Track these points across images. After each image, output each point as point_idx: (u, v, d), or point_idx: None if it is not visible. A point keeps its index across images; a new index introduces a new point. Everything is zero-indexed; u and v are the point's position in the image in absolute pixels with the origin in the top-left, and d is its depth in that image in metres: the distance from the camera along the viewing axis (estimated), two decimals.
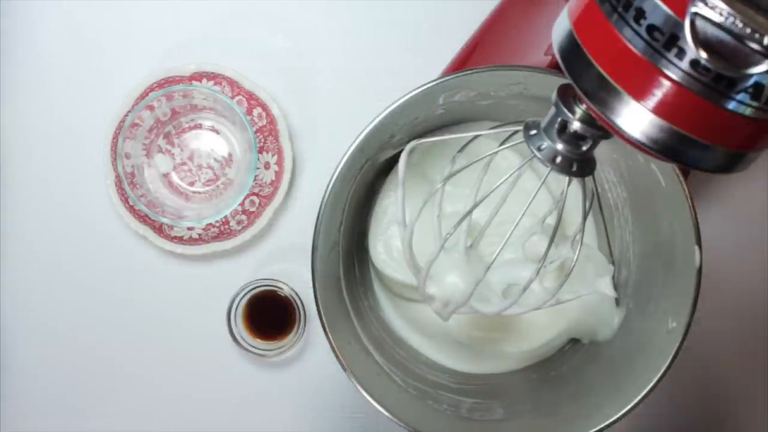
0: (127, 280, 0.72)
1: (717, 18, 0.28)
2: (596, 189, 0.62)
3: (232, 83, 0.69)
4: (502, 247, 0.49)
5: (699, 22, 0.29)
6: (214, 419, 0.72)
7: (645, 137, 0.34)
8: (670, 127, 0.34)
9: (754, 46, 0.28)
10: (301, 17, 0.71)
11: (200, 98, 0.68)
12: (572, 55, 0.36)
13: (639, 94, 0.33)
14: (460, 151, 0.54)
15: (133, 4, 0.71)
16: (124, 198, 0.69)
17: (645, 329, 0.60)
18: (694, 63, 0.31)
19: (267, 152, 0.70)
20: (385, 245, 0.65)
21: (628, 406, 0.56)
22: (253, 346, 0.70)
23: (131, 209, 0.69)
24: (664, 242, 0.59)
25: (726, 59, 0.28)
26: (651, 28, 0.32)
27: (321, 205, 0.56)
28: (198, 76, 0.69)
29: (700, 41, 0.29)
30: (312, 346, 0.72)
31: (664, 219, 0.59)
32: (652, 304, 0.60)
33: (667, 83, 0.33)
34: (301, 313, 0.69)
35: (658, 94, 0.33)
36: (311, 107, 0.71)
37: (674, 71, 0.32)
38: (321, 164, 0.71)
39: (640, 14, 0.32)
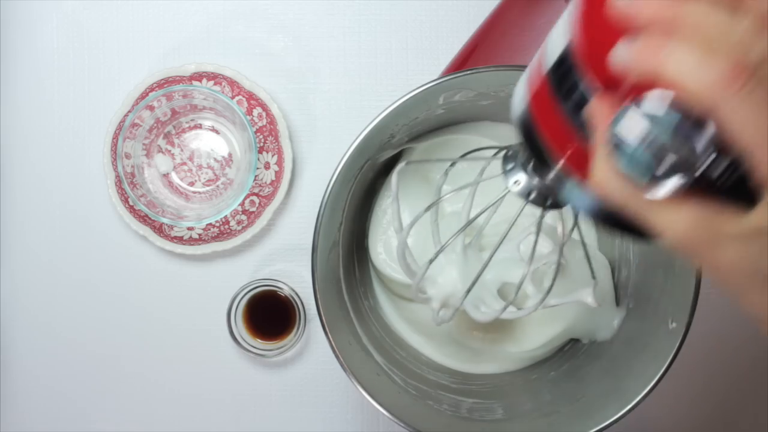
0: (127, 280, 0.72)
1: (632, 141, 0.29)
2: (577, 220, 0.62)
3: (232, 83, 0.69)
4: (496, 249, 0.49)
5: (617, 136, 0.30)
6: (214, 419, 0.72)
7: (589, 212, 0.36)
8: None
9: (661, 170, 0.29)
10: (301, 17, 0.71)
11: (200, 98, 0.68)
12: (528, 126, 0.36)
13: (584, 175, 0.34)
14: (452, 165, 0.55)
15: (133, 4, 0.71)
16: (124, 198, 0.69)
17: (645, 329, 0.60)
18: None
19: (267, 152, 0.70)
20: (385, 245, 0.65)
21: (628, 406, 0.56)
22: (253, 346, 0.70)
23: (131, 209, 0.69)
24: None
25: (637, 176, 0.30)
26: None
27: (321, 205, 0.56)
28: (198, 76, 0.69)
29: (618, 155, 0.30)
30: (312, 346, 0.72)
31: None
32: (652, 304, 0.60)
33: None
34: (301, 313, 0.69)
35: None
36: (311, 107, 0.71)
37: None
38: (321, 164, 0.71)
39: (584, 103, 0.33)
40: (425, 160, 0.58)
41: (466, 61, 0.68)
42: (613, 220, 0.35)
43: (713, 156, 0.29)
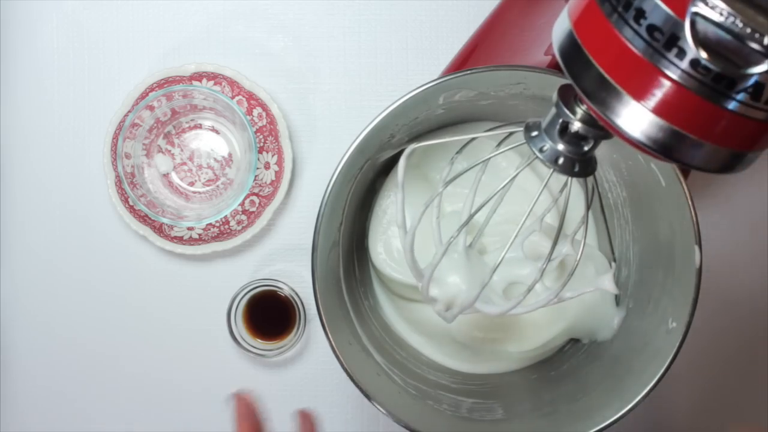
0: (127, 280, 0.72)
1: (717, 18, 0.28)
2: (597, 187, 0.62)
3: (232, 83, 0.69)
4: (507, 250, 0.49)
5: (699, 22, 0.29)
6: (214, 419, 0.72)
7: (645, 137, 0.34)
8: (669, 126, 0.34)
9: (754, 45, 0.28)
10: (301, 17, 0.71)
11: (200, 98, 0.68)
12: (572, 55, 0.36)
13: (639, 94, 0.33)
14: (458, 152, 0.55)
15: (133, 4, 0.71)
16: (124, 198, 0.69)
17: (645, 329, 0.60)
18: (694, 63, 0.31)
19: (267, 152, 0.70)
20: (385, 245, 0.65)
21: (628, 406, 0.56)
22: (253, 346, 0.70)
23: (131, 209, 0.69)
24: (664, 242, 0.59)
25: (726, 59, 0.29)
26: (651, 28, 0.32)
27: (321, 205, 0.56)
28: (198, 76, 0.69)
29: (701, 41, 0.29)
30: (312, 346, 0.72)
31: (664, 219, 0.59)
32: (652, 304, 0.60)
33: (667, 83, 0.33)
34: (301, 313, 0.69)
35: (658, 94, 0.33)
36: (311, 107, 0.71)
37: (674, 71, 0.32)
38: (321, 164, 0.71)
39: (641, 14, 0.32)
40: (439, 140, 0.57)
41: (466, 61, 0.68)
42: (668, 141, 0.34)
43: None
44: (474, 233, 0.59)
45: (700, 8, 0.28)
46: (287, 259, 0.72)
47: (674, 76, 0.32)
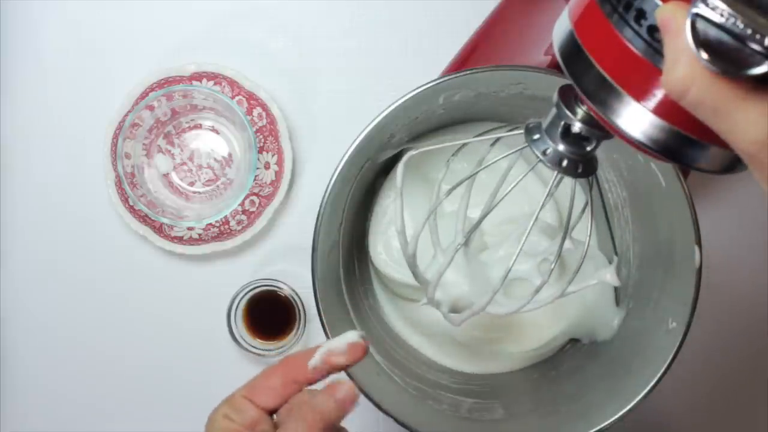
0: (127, 280, 0.72)
1: (718, 19, 0.28)
2: (599, 185, 0.62)
3: (232, 83, 0.69)
4: (515, 259, 0.48)
5: (699, 23, 0.29)
6: None
7: (645, 137, 0.34)
8: (670, 127, 0.34)
9: (755, 46, 0.28)
10: (301, 17, 0.71)
11: (200, 98, 0.68)
12: (573, 55, 0.36)
13: (639, 95, 0.33)
14: (453, 155, 0.55)
15: (134, 4, 0.71)
16: (124, 198, 0.69)
17: (645, 329, 0.60)
18: None
19: (267, 152, 0.70)
20: (385, 245, 0.65)
21: (628, 406, 0.56)
22: (253, 346, 0.70)
23: (131, 209, 0.69)
24: (664, 242, 0.59)
25: (726, 60, 0.29)
26: (652, 29, 0.32)
27: (321, 205, 0.56)
28: (198, 76, 0.69)
29: (701, 42, 0.29)
30: (312, 345, 0.72)
31: (664, 219, 0.59)
32: (652, 304, 0.60)
33: None
34: (301, 313, 0.69)
35: (658, 95, 0.33)
36: (311, 107, 0.71)
37: None
38: (321, 164, 0.71)
39: (641, 15, 0.32)
40: (434, 146, 0.58)
41: (466, 61, 0.68)
42: (669, 142, 0.34)
43: None
44: (473, 233, 0.59)
45: (701, 9, 0.28)
46: (287, 259, 0.72)
47: None
